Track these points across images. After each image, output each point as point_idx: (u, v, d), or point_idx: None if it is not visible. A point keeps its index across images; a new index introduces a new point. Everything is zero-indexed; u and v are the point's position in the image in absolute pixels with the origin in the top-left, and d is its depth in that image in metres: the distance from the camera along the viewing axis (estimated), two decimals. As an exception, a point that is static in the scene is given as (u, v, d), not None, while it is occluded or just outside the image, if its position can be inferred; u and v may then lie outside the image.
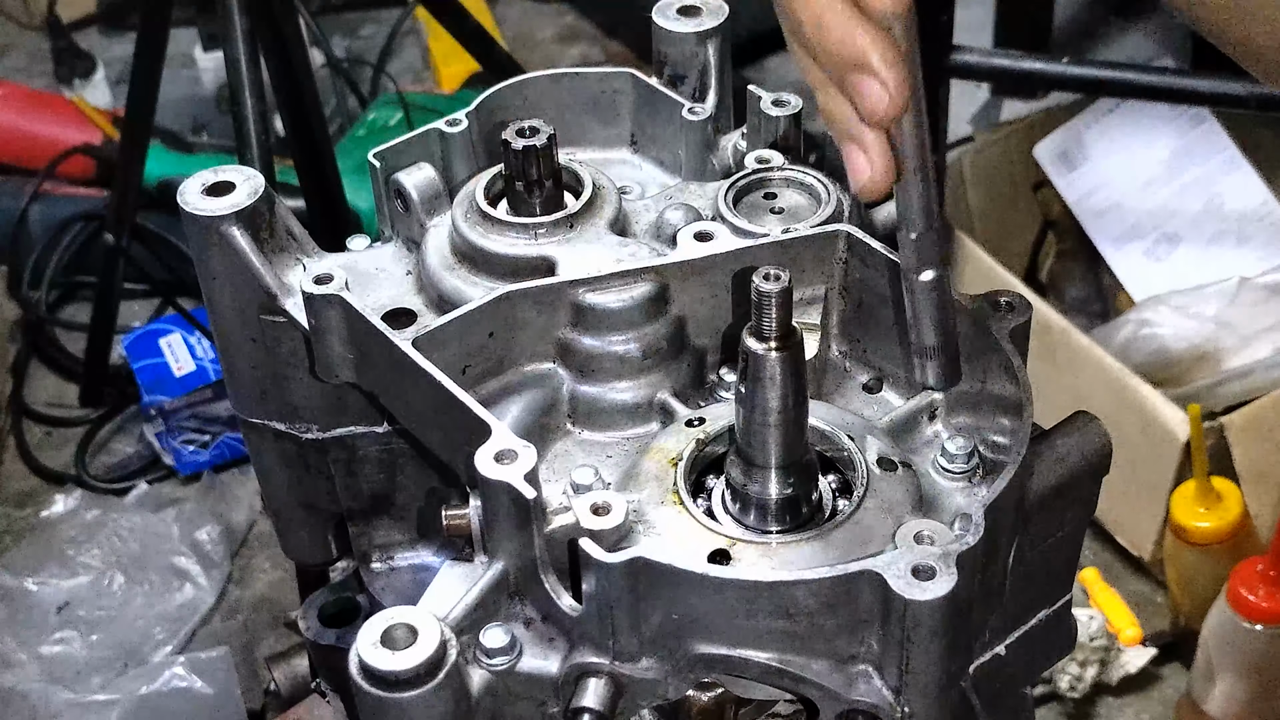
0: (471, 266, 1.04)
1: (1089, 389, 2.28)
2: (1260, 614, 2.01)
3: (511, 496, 0.86)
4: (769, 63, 3.22)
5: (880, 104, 0.81)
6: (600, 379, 1.00)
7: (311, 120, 2.14)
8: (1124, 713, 2.24)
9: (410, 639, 0.84)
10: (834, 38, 0.81)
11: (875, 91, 0.81)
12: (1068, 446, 0.95)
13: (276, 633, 2.41)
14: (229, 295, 1.08)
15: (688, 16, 1.17)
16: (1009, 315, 0.95)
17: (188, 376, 2.66)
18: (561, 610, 0.88)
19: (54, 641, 2.36)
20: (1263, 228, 2.55)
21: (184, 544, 2.46)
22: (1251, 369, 2.34)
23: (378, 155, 1.10)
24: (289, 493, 1.19)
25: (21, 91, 3.26)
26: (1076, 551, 1.01)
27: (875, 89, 0.81)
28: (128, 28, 3.48)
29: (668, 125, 1.15)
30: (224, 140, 3.12)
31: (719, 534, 0.90)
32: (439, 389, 0.93)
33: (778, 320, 0.86)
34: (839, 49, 0.82)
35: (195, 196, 1.06)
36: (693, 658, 0.88)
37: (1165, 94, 2.39)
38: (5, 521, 2.61)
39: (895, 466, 0.93)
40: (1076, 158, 2.65)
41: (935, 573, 0.81)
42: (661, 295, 1.00)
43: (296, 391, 1.11)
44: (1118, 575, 2.37)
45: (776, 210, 1.05)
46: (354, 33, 3.63)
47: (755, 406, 0.88)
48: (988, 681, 0.94)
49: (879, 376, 1.03)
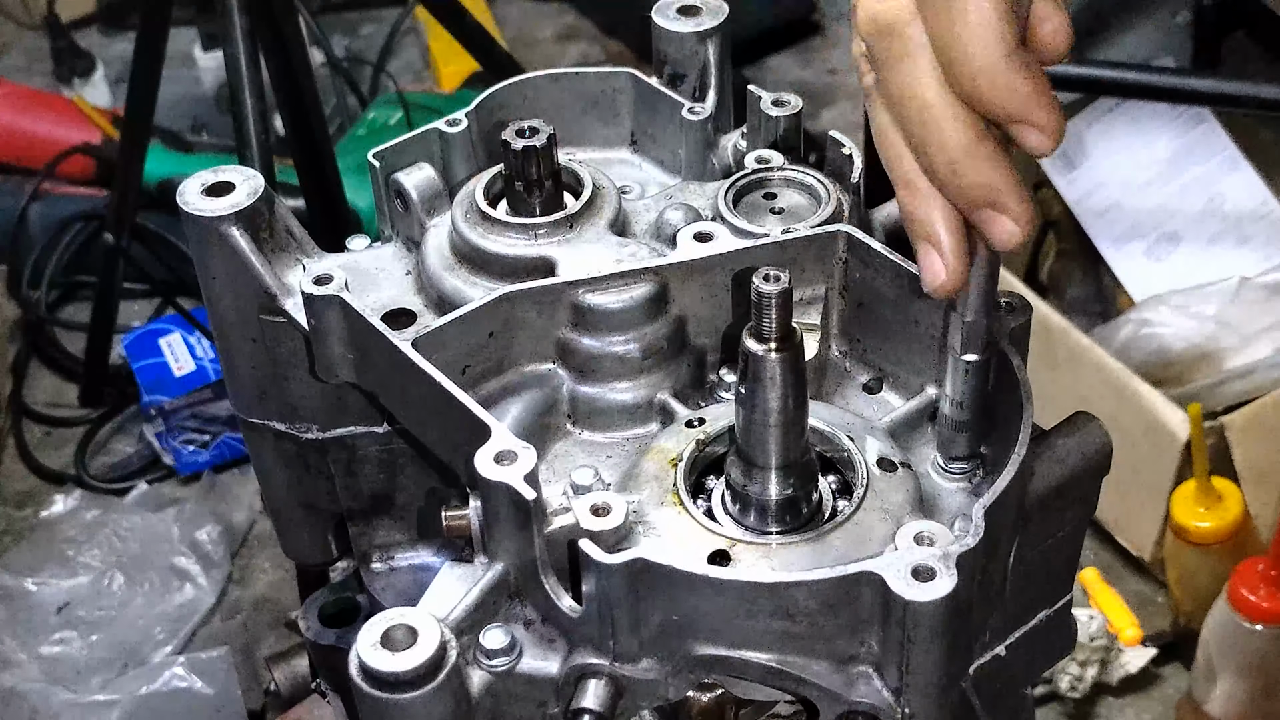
0: (471, 267, 1.04)
1: (1089, 389, 2.28)
2: (1261, 614, 2.01)
3: (511, 497, 0.86)
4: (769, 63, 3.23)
5: (1013, 239, 0.80)
6: (600, 379, 1.00)
7: (311, 120, 2.14)
8: (1124, 713, 2.24)
9: (410, 640, 0.84)
10: (970, 176, 0.78)
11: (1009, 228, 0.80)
12: (1068, 447, 0.95)
13: (276, 633, 2.42)
14: (229, 295, 1.08)
15: (687, 16, 1.17)
16: (1009, 315, 0.95)
17: (188, 376, 2.66)
18: (561, 611, 0.88)
19: (54, 641, 2.36)
20: (1263, 228, 2.55)
21: (184, 544, 2.47)
22: (1252, 369, 2.34)
23: (378, 155, 1.10)
24: (289, 493, 1.19)
25: (21, 91, 3.26)
26: (1077, 551, 1.01)
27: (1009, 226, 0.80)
28: (128, 27, 3.48)
29: (668, 125, 1.15)
30: (224, 140, 3.12)
31: (719, 535, 0.90)
32: (439, 389, 0.93)
33: (777, 321, 0.86)
34: (973, 189, 0.79)
35: (195, 196, 1.06)
36: (693, 659, 0.88)
37: (1165, 94, 2.39)
38: (5, 521, 2.61)
39: (895, 467, 0.93)
40: (1076, 158, 2.65)
41: (935, 573, 0.81)
42: (661, 295, 1.00)
43: (296, 391, 1.11)
44: (1118, 575, 2.37)
45: (776, 210, 1.05)
46: (354, 32, 3.63)
47: (755, 407, 0.88)
48: (988, 682, 0.94)
49: (879, 377, 1.03)
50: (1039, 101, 0.77)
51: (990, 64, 0.75)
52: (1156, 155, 2.62)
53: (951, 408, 0.93)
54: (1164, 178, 2.61)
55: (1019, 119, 0.77)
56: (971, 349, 0.90)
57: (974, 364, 0.90)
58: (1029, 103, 0.76)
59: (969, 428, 0.93)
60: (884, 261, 0.98)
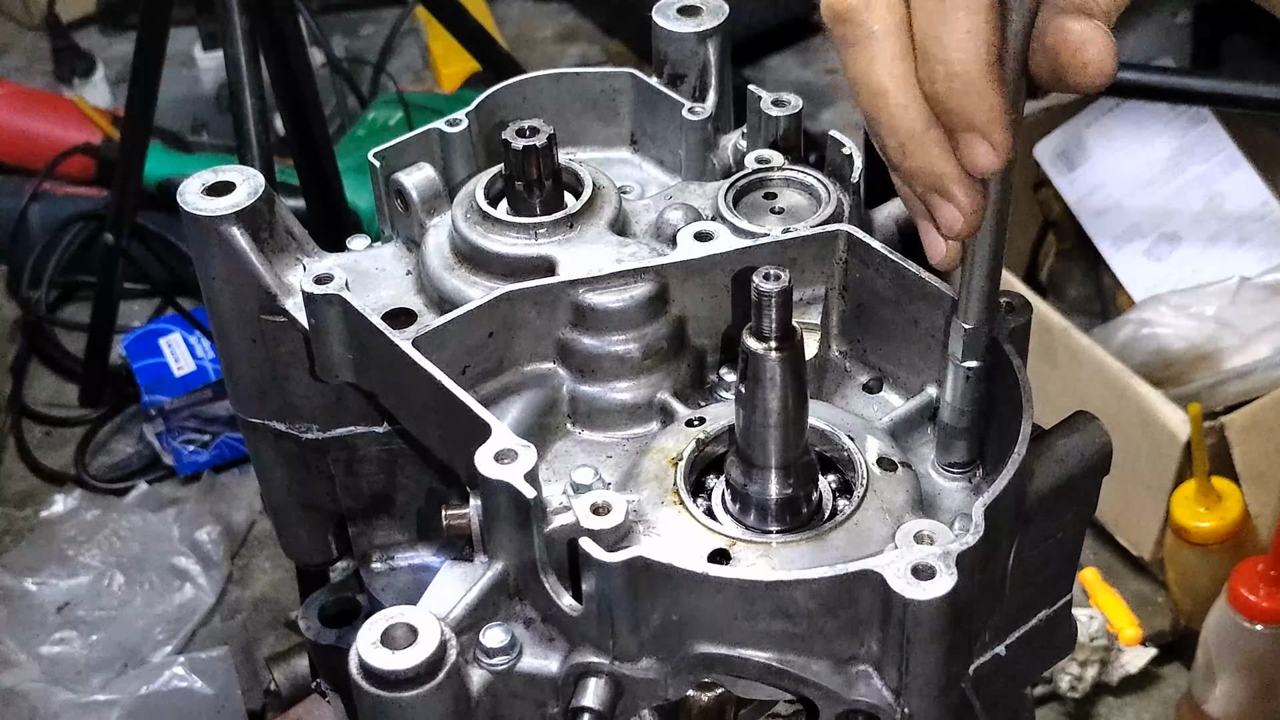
0: (471, 266, 1.04)
1: (1089, 389, 2.28)
2: (1260, 614, 2.01)
3: (511, 496, 0.86)
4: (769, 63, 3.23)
5: (957, 224, 0.82)
6: (600, 379, 1.00)
7: (311, 120, 2.14)
8: (1124, 713, 2.24)
9: (410, 639, 0.84)
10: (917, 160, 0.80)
11: (953, 214, 0.82)
12: (1068, 447, 0.95)
13: (276, 633, 2.42)
14: (229, 295, 1.08)
15: (688, 16, 1.17)
16: (1009, 315, 0.95)
17: (188, 376, 2.66)
18: (561, 610, 0.88)
19: (54, 641, 2.36)
20: (1263, 228, 2.55)
21: (184, 544, 2.47)
22: (1251, 369, 2.34)
23: (378, 155, 1.10)
24: (289, 493, 1.19)
25: (21, 91, 3.26)
26: (1077, 551, 1.01)
27: (953, 213, 0.82)
28: (128, 27, 3.48)
29: (668, 125, 1.15)
30: (224, 140, 3.12)
31: (719, 534, 0.90)
32: (439, 389, 0.93)
33: (778, 321, 0.86)
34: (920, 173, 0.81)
35: (195, 196, 1.06)
36: (692, 658, 0.88)
37: (1165, 94, 2.39)
38: (5, 521, 2.61)
39: (895, 466, 0.93)
40: (1076, 157, 2.65)
41: (935, 573, 0.81)
42: (661, 295, 1.00)
43: (296, 391, 1.11)
44: (1118, 575, 2.37)
45: (776, 210, 1.05)
46: (354, 33, 3.63)
47: (755, 407, 0.88)
48: (988, 682, 0.94)
49: (879, 376, 1.03)
50: (1001, 121, 0.78)
51: (967, 71, 0.76)
52: (1156, 155, 2.62)
53: (952, 414, 0.93)
54: (1164, 178, 2.61)
55: (978, 129, 0.78)
56: (972, 356, 0.90)
57: (974, 371, 0.90)
58: (992, 116, 0.77)
59: (969, 434, 0.93)
60: (884, 261, 0.98)
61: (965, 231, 0.83)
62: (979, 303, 0.88)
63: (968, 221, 0.82)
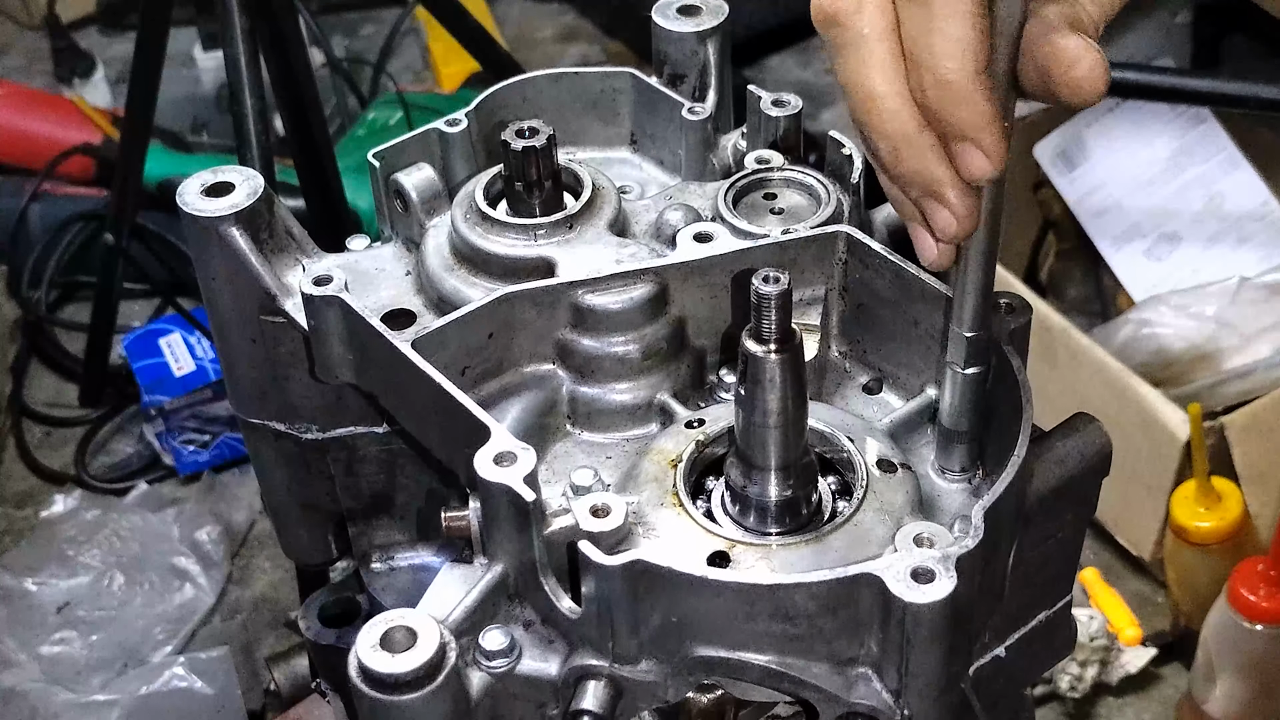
0: (471, 267, 1.04)
1: (1089, 389, 2.28)
2: (1260, 614, 2.01)
3: (511, 499, 0.86)
4: (769, 63, 3.22)
5: (951, 228, 0.82)
6: (600, 380, 1.00)
7: (311, 120, 2.14)
8: (1124, 713, 2.24)
9: (409, 641, 0.84)
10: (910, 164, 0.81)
11: (946, 217, 0.82)
12: (1067, 448, 0.94)
13: (276, 633, 2.42)
14: (229, 295, 1.08)
15: (688, 16, 1.17)
16: (1009, 316, 0.95)
17: (188, 376, 2.66)
18: (561, 612, 0.88)
19: (54, 641, 2.36)
20: (1263, 228, 2.55)
21: (184, 544, 2.47)
22: (1251, 369, 2.34)
23: (377, 155, 1.10)
24: (289, 493, 1.19)
25: (21, 91, 3.26)
26: (1077, 552, 1.00)
27: (947, 216, 0.82)
28: (127, 27, 3.48)
29: (668, 125, 1.15)
30: (224, 140, 3.12)
31: (718, 536, 0.90)
32: (438, 390, 0.93)
33: (777, 322, 0.86)
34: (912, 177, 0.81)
35: (195, 197, 1.05)
36: (692, 660, 0.88)
37: (1165, 94, 2.39)
38: (5, 521, 2.61)
39: (895, 468, 0.93)
40: (1076, 157, 2.65)
41: (935, 575, 0.81)
42: (661, 296, 1.00)
43: (296, 391, 1.11)
44: (1118, 575, 2.37)
45: (776, 210, 1.05)
46: (354, 33, 3.63)
47: (755, 408, 0.88)
48: (988, 683, 0.94)
49: (879, 377, 1.03)
50: (993, 128, 0.78)
51: (957, 78, 0.76)
52: (1156, 155, 2.62)
53: (951, 418, 0.93)
54: (1164, 178, 2.61)
55: (969, 137, 0.78)
56: (970, 362, 0.90)
57: (974, 375, 0.90)
58: (984, 122, 0.77)
59: (968, 438, 0.93)
60: (884, 262, 0.98)
61: (961, 234, 0.83)
62: (974, 308, 0.88)
63: (962, 224, 0.82)
